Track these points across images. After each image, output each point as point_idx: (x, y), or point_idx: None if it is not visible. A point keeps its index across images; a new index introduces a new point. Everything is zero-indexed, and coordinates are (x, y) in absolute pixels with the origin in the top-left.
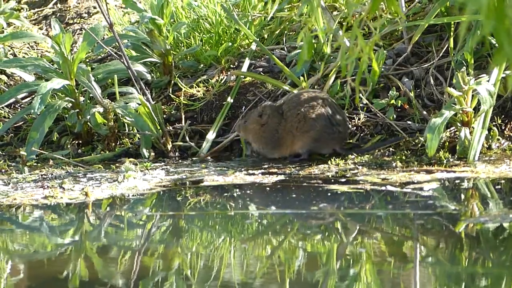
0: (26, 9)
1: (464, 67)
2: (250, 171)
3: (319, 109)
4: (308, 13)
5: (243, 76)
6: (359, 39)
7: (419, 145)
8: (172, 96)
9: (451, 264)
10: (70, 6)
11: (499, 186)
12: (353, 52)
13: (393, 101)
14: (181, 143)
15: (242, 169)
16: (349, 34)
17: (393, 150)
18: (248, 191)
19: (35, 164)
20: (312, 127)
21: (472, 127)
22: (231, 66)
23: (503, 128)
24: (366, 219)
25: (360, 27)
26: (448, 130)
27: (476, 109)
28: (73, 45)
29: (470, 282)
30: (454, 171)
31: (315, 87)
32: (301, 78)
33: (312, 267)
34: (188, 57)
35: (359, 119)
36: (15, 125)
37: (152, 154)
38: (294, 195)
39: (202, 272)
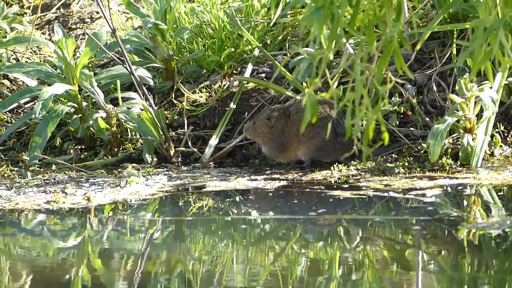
0: (29, 14)
1: (467, 74)
2: (253, 177)
3: (326, 117)
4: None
5: (245, 82)
6: (365, 99)
7: (422, 151)
8: (174, 101)
9: (451, 270)
10: (73, 11)
11: (502, 193)
12: (359, 112)
13: (395, 108)
14: (183, 148)
15: (245, 175)
16: (354, 94)
17: (395, 156)
18: (251, 197)
19: (38, 169)
20: (317, 135)
21: (475, 133)
22: (234, 71)
23: (505, 134)
24: (368, 225)
25: (367, 88)
26: (451, 136)
27: (479, 116)
28: (76, 50)
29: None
30: (457, 178)
31: (317, 92)
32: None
33: (313, 273)
34: (191, 63)
35: (362, 125)
36: (17, 130)
37: (155, 159)
38: (296, 201)
39: (204, 277)
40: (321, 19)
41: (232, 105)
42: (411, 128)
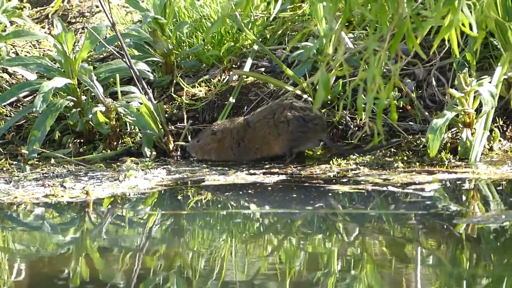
0: (29, 7)
1: (466, 68)
2: (252, 171)
3: (287, 114)
4: (311, 13)
5: (245, 76)
6: (377, 78)
7: (421, 146)
8: (174, 95)
9: (448, 264)
10: (72, 5)
11: (500, 187)
12: (371, 91)
13: (395, 102)
14: (183, 142)
15: (244, 169)
16: (365, 75)
17: (394, 150)
18: (250, 191)
19: (37, 162)
20: (283, 130)
21: (474, 128)
22: (233, 66)
23: (504, 129)
24: (367, 220)
25: (379, 66)
26: (450, 131)
27: (478, 111)
28: (76, 44)
29: (469, 281)
30: (456, 172)
31: (316, 88)
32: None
33: (311, 267)
34: (190, 57)
35: (360, 119)
36: (17, 124)
37: (154, 153)
38: (294, 195)
39: (202, 270)
40: None
41: (232, 99)
42: (410, 123)
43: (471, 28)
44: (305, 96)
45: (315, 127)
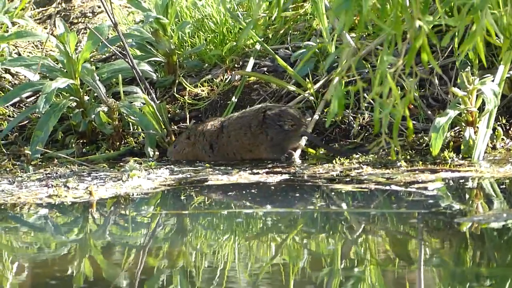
0: (31, 8)
1: (469, 67)
2: (255, 170)
3: (262, 125)
4: (313, 13)
5: (247, 76)
6: (394, 91)
7: (424, 144)
8: (176, 95)
9: (451, 262)
10: (74, 6)
11: (503, 186)
12: (387, 105)
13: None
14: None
15: (247, 169)
16: (381, 88)
17: (397, 149)
18: (253, 191)
19: (40, 163)
20: (263, 140)
21: (477, 126)
22: (236, 65)
23: (507, 128)
24: (370, 219)
25: (395, 80)
26: (453, 129)
27: (481, 109)
28: (78, 44)
29: (469, 280)
30: (459, 171)
31: (320, 89)
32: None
33: (314, 266)
34: (193, 57)
35: (363, 118)
36: (19, 124)
37: (157, 153)
38: (297, 195)
39: (206, 270)
40: (349, 10)
41: (234, 99)
42: (413, 121)
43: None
44: (306, 94)
45: (294, 127)
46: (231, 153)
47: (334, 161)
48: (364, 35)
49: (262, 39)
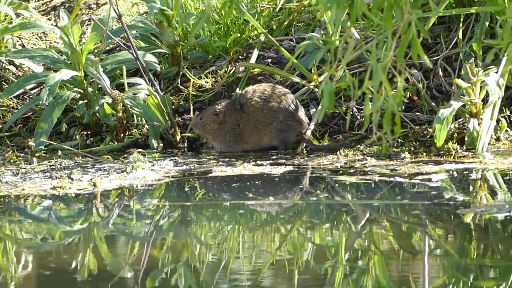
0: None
1: (473, 59)
2: (259, 162)
3: (282, 102)
4: (317, 4)
5: (251, 67)
6: (386, 85)
7: (428, 136)
8: (180, 87)
9: (454, 253)
10: None
11: (507, 177)
12: (378, 99)
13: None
14: (189, 134)
15: (251, 160)
16: (372, 82)
17: (401, 141)
18: (257, 182)
19: (44, 154)
20: (274, 119)
21: (481, 118)
22: (240, 57)
23: (511, 119)
24: (374, 210)
25: (385, 72)
26: (457, 121)
27: (485, 101)
28: (82, 36)
29: (471, 270)
30: (463, 162)
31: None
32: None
33: (318, 257)
34: (197, 48)
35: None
36: (23, 116)
37: (161, 145)
38: (301, 186)
39: (209, 261)
40: (340, 4)
41: (238, 91)
42: (417, 113)
43: None
44: (311, 86)
45: (298, 122)
46: (245, 137)
47: (338, 153)
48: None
49: (266, 30)
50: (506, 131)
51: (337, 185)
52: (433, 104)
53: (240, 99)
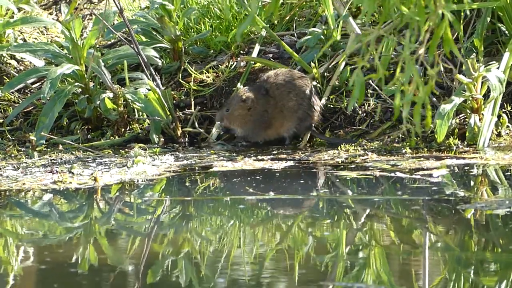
0: None
1: (474, 54)
2: (260, 157)
3: (305, 89)
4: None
5: (253, 62)
6: (417, 78)
7: (429, 131)
8: (182, 81)
9: (454, 248)
10: None
11: (508, 173)
12: (408, 91)
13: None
14: (190, 129)
15: (252, 155)
16: (403, 75)
17: (402, 136)
18: (258, 177)
19: (45, 149)
20: (300, 107)
21: (482, 114)
22: (241, 52)
23: None
24: (374, 205)
25: (417, 64)
26: (458, 116)
27: (486, 96)
28: (83, 30)
29: (475, 265)
30: (463, 158)
31: (325, 74)
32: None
33: (319, 252)
34: (198, 43)
35: (368, 105)
36: (24, 110)
37: (162, 139)
38: (302, 181)
39: (210, 256)
40: None
41: (239, 86)
42: None
43: None
44: (314, 83)
45: (312, 115)
46: (269, 123)
47: (339, 148)
48: (369, 22)
49: (268, 25)
50: (507, 126)
51: (338, 180)
52: (434, 99)
53: (264, 84)
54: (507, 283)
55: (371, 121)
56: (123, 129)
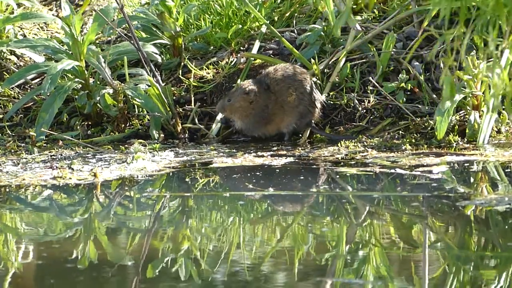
0: None
1: (474, 51)
2: (259, 153)
3: (305, 84)
4: None
5: (253, 58)
6: (504, 74)
7: (429, 128)
8: (182, 78)
9: (454, 245)
10: None
11: (508, 170)
12: (496, 86)
13: (403, 84)
14: (190, 125)
15: (251, 151)
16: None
17: (402, 133)
18: (257, 173)
19: (45, 145)
20: (301, 102)
21: (482, 110)
22: (241, 48)
23: None
24: (374, 202)
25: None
26: (458, 113)
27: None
28: (83, 26)
29: (475, 262)
30: (463, 154)
31: (325, 70)
32: (312, 60)
33: (318, 248)
34: (198, 39)
35: (369, 102)
36: (24, 106)
37: (162, 135)
38: (302, 177)
39: (210, 252)
40: None
41: (239, 82)
42: (418, 105)
43: None
44: (314, 79)
45: (313, 111)
46: (269, 118)
47: (339, 144)
48: (370, 19)
49: (268, 21)
50: (507, 123)
51: (337, 176)
52: (434, 96)
53: (265, 79)
54: (507, 279)
55: (371, 117)
56: (123, 125)
